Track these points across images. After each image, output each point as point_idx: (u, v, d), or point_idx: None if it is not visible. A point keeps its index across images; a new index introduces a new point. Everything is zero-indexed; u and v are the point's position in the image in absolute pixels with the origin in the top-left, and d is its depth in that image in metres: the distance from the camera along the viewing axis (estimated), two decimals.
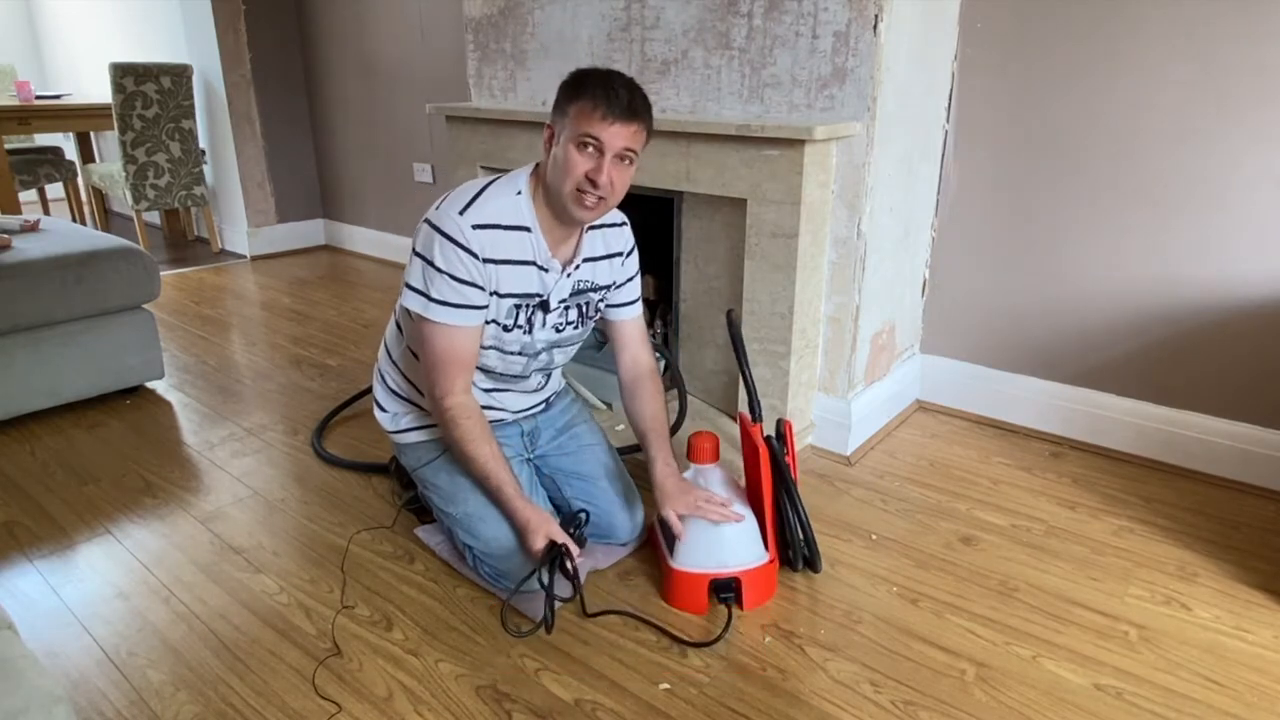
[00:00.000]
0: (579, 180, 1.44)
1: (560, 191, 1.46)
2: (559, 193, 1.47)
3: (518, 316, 1.56)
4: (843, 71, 1.91)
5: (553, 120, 1.48)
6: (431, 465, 1.66)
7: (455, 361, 1.51)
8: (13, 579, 1.66)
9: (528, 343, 1.61)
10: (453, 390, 1.51)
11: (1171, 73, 1.94)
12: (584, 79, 1.45)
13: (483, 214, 1.47)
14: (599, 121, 1.41)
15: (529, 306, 1.57)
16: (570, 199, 1.46)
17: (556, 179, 1.46)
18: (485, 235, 1.47)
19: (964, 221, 2.33)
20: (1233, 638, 1.51)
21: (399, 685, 1.38)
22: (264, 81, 4.18)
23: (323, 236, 4.63)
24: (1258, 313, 1.96)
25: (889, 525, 1.86)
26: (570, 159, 1.43)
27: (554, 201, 1.50)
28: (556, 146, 1.46)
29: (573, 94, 1.44)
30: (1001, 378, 2.36)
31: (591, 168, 1.43)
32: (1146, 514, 1.91)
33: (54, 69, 5.61)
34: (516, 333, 1.58)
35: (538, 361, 1.66)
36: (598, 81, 1.43)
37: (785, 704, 1.34)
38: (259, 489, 2.01)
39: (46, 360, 2.32)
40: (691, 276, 2.34)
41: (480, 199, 1.49)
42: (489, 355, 1.60)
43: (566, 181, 1.45)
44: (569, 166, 1.44)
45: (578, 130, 1.42)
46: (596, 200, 1.45)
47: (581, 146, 1.43)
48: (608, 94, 1.41)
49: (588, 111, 1.41)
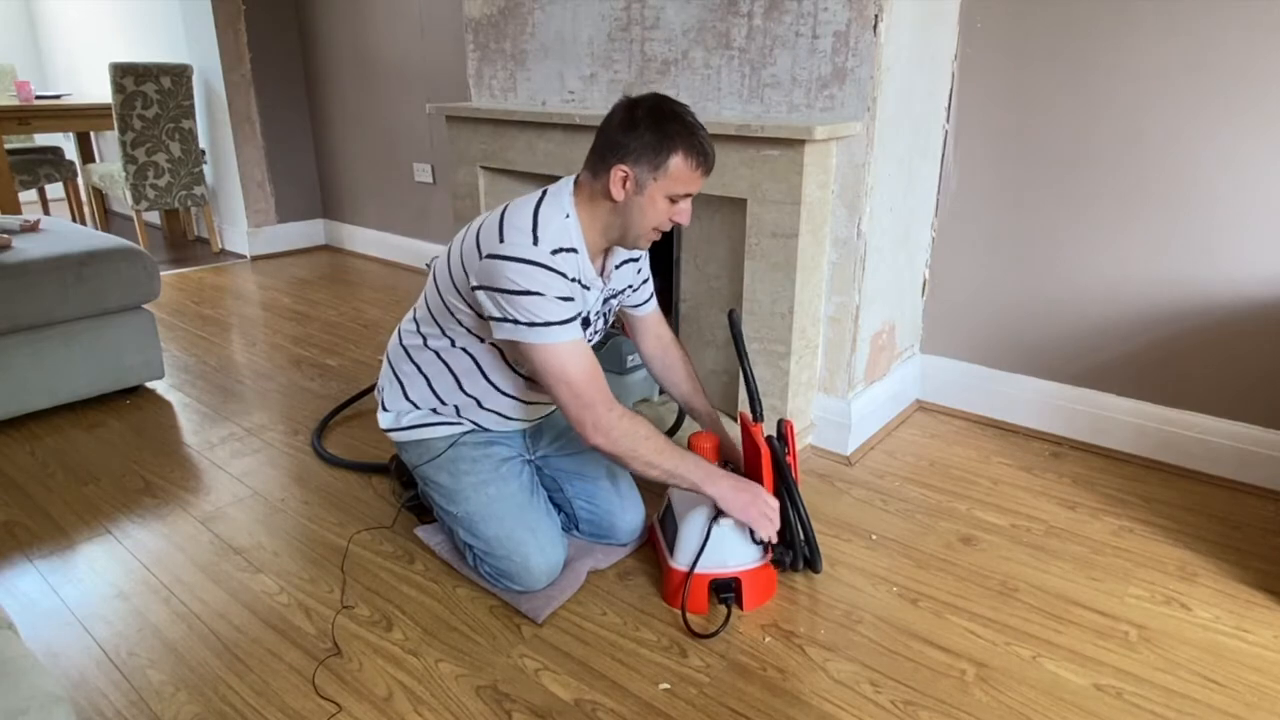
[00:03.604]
0: (662, 224, 1.50)
1: (635, 234, 1.50)
2: (631, 234, 1.51)
3: None
4: (843, 71, 1.92)
5: (629, 164, 1.43)
6: (433, 463, 1.66)
7: (595, 372, 1.47)
8: (13, 579, 1.66)
9: None
10: (610, 400, 1.46)
11: (1171, 72, 1.94)
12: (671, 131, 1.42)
13: (552, 239, 1.46)
14: (699, 179, 1.46)
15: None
16: (644, 239, 1.52)
17: (634, 223, 1.49)
18: (560, 259, 1.47)
19: (964, 221, 2.33)
20: (1233, 638, 1.51)
21: (399, 685, 1.38)
22: (264, 81, 4.18)
23: (323, 236, 4.63)
24: (1258, 313, 1.96)
25: (889, 525, 1.86)
26: (659, 210, 1.47)
27: (617, 236, 1.53)
28: (639, 196, 1.45)
29: (665, 146, 1.41)
30: (1001, 378, 2.36)
31: (677, 210, 1.49)
32: (1146, 514, 1.91)
33: (54, 69, 5.61)
34: None
35: None
36: (687, 134, 1.42)
37: (785, 704, 1.34)
38: (259, 489, 2.01)
39: (46, 360, 2.32)
40: (691, 276, 2.34)
41: (540, 225, 1.46)
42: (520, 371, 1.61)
43: (647, 226, 1.49)
44: (656, 214, 1.48)
45: (676, 189, 1.45)
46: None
47: (673, 200, 1.47)
48: (703, 148, 1.44)
49: (689, 170, 1.44)
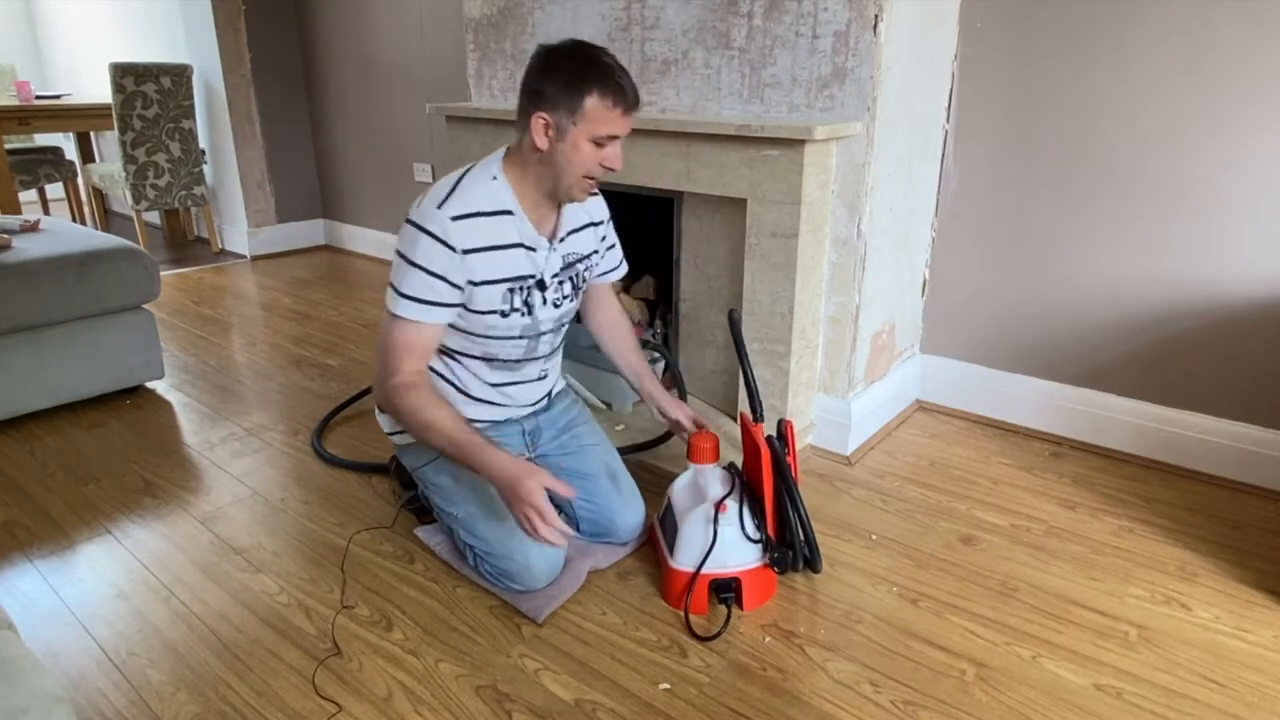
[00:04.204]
0: (591, 170, 1.47)
1: (567, 183, 1.48)
2: (563, 184, 1.49)
3: (513, 300, 1.57)
4: (843, 71, 1.91)
5: (547, 111, 1.43)
6: (433, 464, 1.66)
7: (410, 350, 1.52)
8: (13, 579, 1.66)
9: (529, 325, 1.61)
10: (399, 371, 1.51)
11: (1171, 72, 1.94)
12: (583, 72, 1.42)
13: (462, 204, 1.48)
14: (619, 118, 1.44)
15: (525, 288, 1.58)
16: (578, 188, 1.50)
17: (562, 171, 1.47)
18: (466, 225, 1.48)
19: (964, 221, 2.33)
20: (1233, 638, 1.51)
21: (399, 685, 1.38)
22: (264, 81, 4.18)
23: (323, 236, 4.63)
24: (1258, 313, 1.96)
25: (889, 525, 1.86)
26: (584, 155, 1.45)
27: (550, 188, 1.51)
28: (562, 143, 1.45)
29: (579, 88, 1.41)
30: (1001, 378, 2.36)
31: (606, 156, 1.46)
32: (1146, 514, 1.91)
33: (54, 69, 5.61)
34: (515, 317, 1.59)
35: (541, 344, 1.67)
36: (602, 73, 1.42)
37: (785, 704, 1.34)
38: (259, 489, 2.01)
39: (46, 360, 2.32)
40: (691, 276, 2.34)
41: (458, 190, 1.50)
42: (489, 344, 1.61)
43: (577, 174, 1.47)
44: (583, 161, 1.46)
45: (597, 130, 1.43)
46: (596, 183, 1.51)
47: (598, 144, 1.45)
48: (620, 86, 1.42)
49: (606, 110, 1.42)
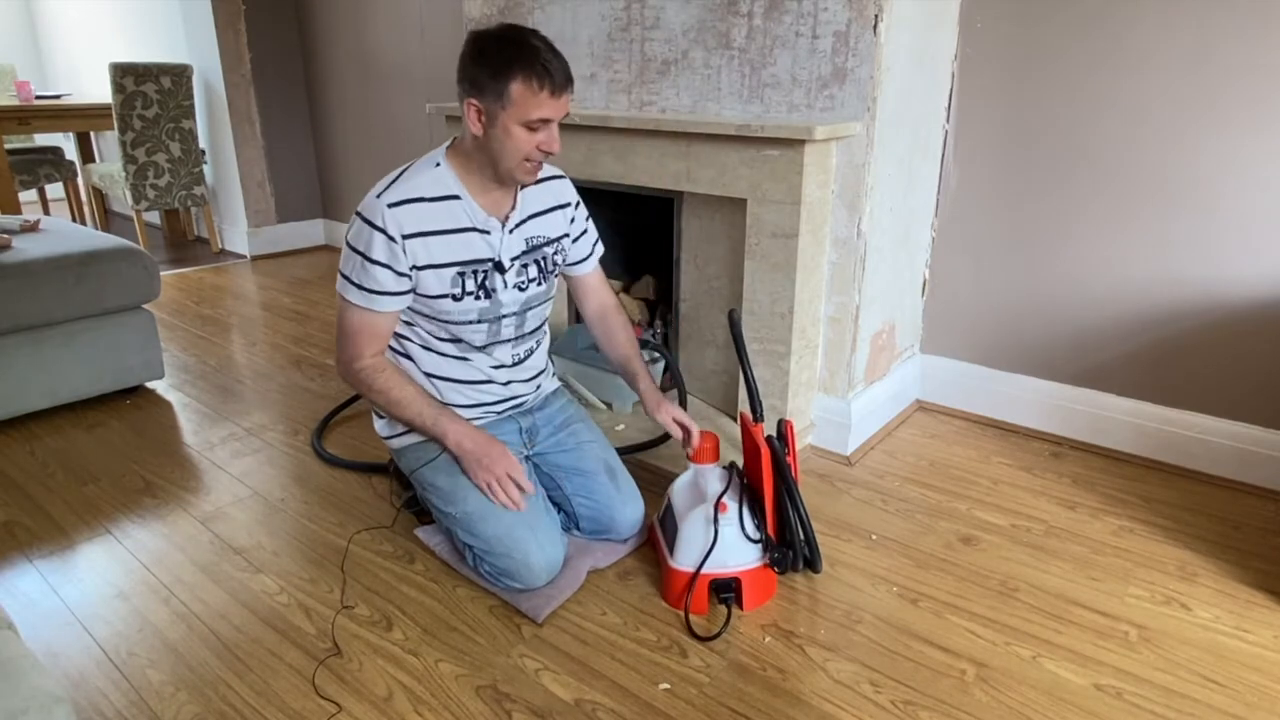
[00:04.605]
0: (529, 154, 1.47)
1: (506, 167, 1.48)
2: (502, 168, 1.49)
3: (465, 284, 1.57)
4: (843, 71, 1.91)
5: (475, 97, 1.43)
6: (430, 466, 1.66)
7: (367, 335, 1.56)
8: (13, 579, 1.66)
9: (486, 308, 1.61)
10: (361, 356, 1.57)
11: (1171, 72, 1.94)
12: (508, 57, 1.39)
13: (402, 191, 1.50)
14: (547, 101, 1.42)
15: (480, 272, 1.58)
16: (519, 171, 1.50)
17: (499, 157, 1.47)
18: (404, 211, 1.49)
19: (964, 221, 2.33)
20: (1233, 638, 1.51)
21: (399, 685, 1.38)
22: (264, 81, 4.18)
23: (323, 236, 4.63)
24: (1258, 313, 1.96)
25: (889, 525, 1.86)
26: (518, 140, 1.44)
27: (492, 173, 1.52)
28: (494, 129, 1.44)
29: (503, 74, 1.39)
30: (1001, 378, 2.36)
31: (542, 139, 1.45)
32: (1146, 514, 1.91)
33: (54, 69, 5.61)
34: (469, 300, 1.58)
35: (504, 328, 1.67)
36: (527, 56, 1.39)
37: (785, 704, 1.34)
38: (259, 489, 2.01)
39: (46, 360, 2.32)
40: (691, 276, 2.34)
41: (400, 179, 1.53)
42: (452, 328, 1.62)
43: (515, 158, 1.47)
44: (517, 147, 1.45)
45: (526, 115, 1.42)
46: (541, 165, 1.52)
47: (530, 128, 1.44)
48: (546, 69, 1.40)
49: (532, 94, 1.40)
